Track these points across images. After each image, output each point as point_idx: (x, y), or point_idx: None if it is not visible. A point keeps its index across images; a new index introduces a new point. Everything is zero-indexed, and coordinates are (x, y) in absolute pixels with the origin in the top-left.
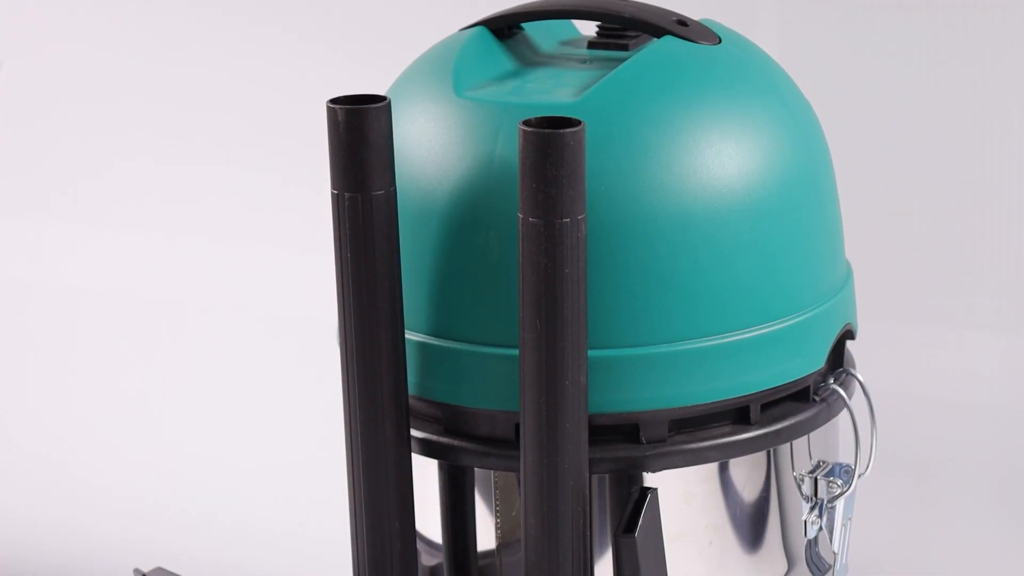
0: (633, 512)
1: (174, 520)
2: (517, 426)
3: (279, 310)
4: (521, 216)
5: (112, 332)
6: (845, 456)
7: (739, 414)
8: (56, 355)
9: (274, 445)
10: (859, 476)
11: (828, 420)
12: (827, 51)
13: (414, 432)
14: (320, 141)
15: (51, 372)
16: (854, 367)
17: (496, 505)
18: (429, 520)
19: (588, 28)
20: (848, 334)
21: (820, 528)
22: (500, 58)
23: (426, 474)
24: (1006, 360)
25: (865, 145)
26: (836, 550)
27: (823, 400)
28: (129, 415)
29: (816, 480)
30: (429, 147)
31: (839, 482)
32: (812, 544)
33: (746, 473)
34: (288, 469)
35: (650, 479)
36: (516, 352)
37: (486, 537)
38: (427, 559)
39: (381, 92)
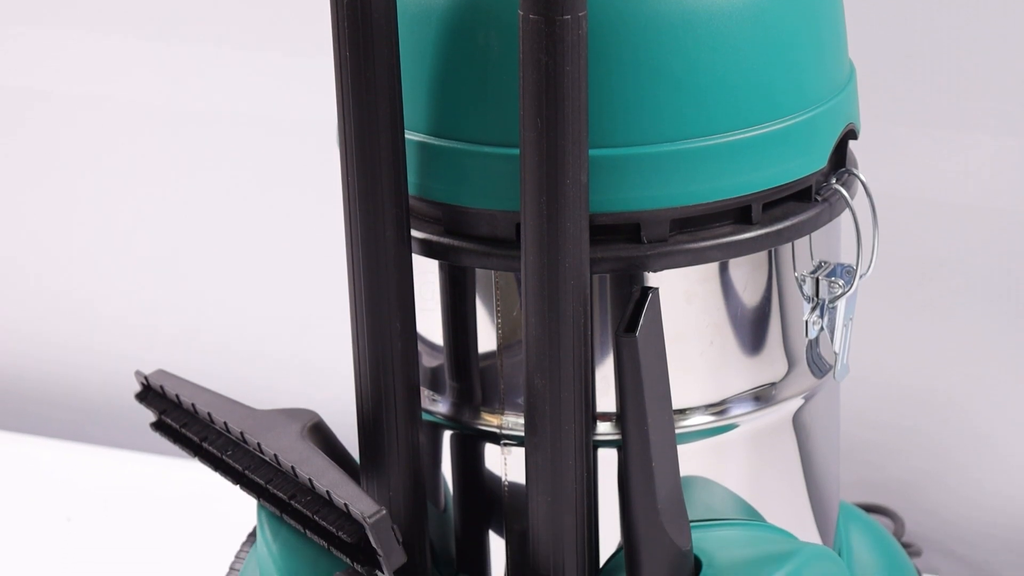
0: (634, 311)
1: (173, 332)
2: (518, 226)
3: (277, 113)
4: (521, 13)
5: (109, 140)
6: (847, 257)
7: (741, 214)
8: (52, 166)
9: (273, 251)
10: (860, 276)
11: (830, 220)
12: None
13: (414, 233)
14: None
15: (47, 183)
16: (856, 167)
17: (497, 306)
18: (430, 322)
19: None
20: (851, 134)
21: (821, 329)
22: None
23: (427, 276)
24: (1007, 163)
25: None
26: (837, 350)
27: (825, 200)
28: (125, 225)
29: (817, 280)
30: None
31: (840, 282)
32: (813, 345)
33: (747, 273)
34: (288, 275)
35: (651, 279)
36: (517, 151)
37: (487, 339)
38: (428, 361)
39: None
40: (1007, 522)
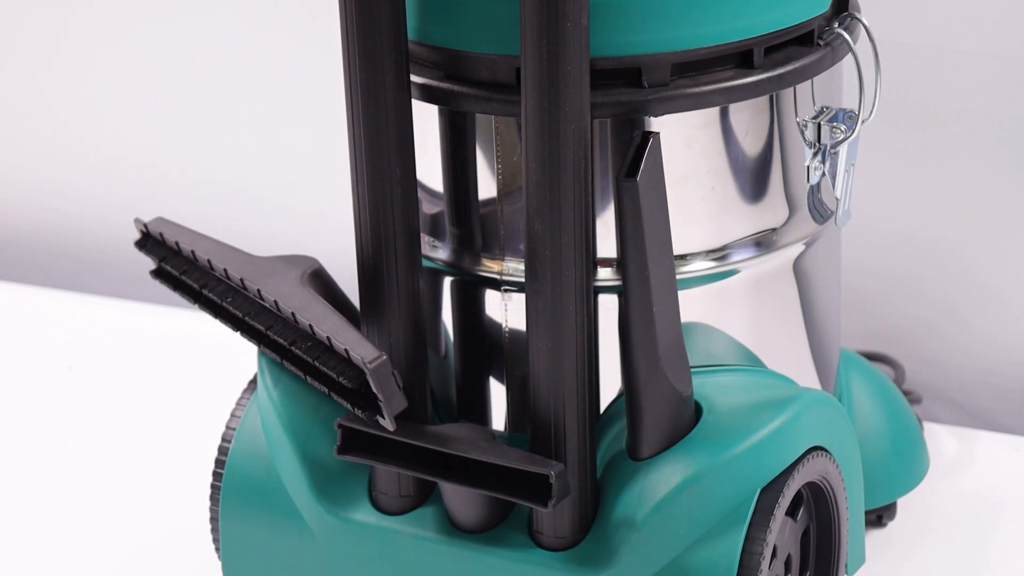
0: (635, 156)
1: (172, 180)
2: (518, 70)
3: None
4: None
5: None
6: (848, 103)
7: (742, 58)
8: (49, 13)
9: (272, 97)
10: (862, 121)
11: (832, 65)
12: None
13: (414, 78)
14: None
15: (44, 29)
16: (859, 11)
17: (497, 152)
18: (430, 169)
19: None
20: None
21: (823, 174)
22: None
23: (427, 122)
24: (1011, 9)
25: None
26: (838, 196)
27: (827, 44)
28: (124, 72)
29: (819, 125)
30: None
31: (842, 127)
32: (814, 190)
33: (749, 119)
34: (286, 121)
35: (652, 124)
36: None
37: (487, 185)
38: (428, 207)
39: None
40: (1006, 370)
